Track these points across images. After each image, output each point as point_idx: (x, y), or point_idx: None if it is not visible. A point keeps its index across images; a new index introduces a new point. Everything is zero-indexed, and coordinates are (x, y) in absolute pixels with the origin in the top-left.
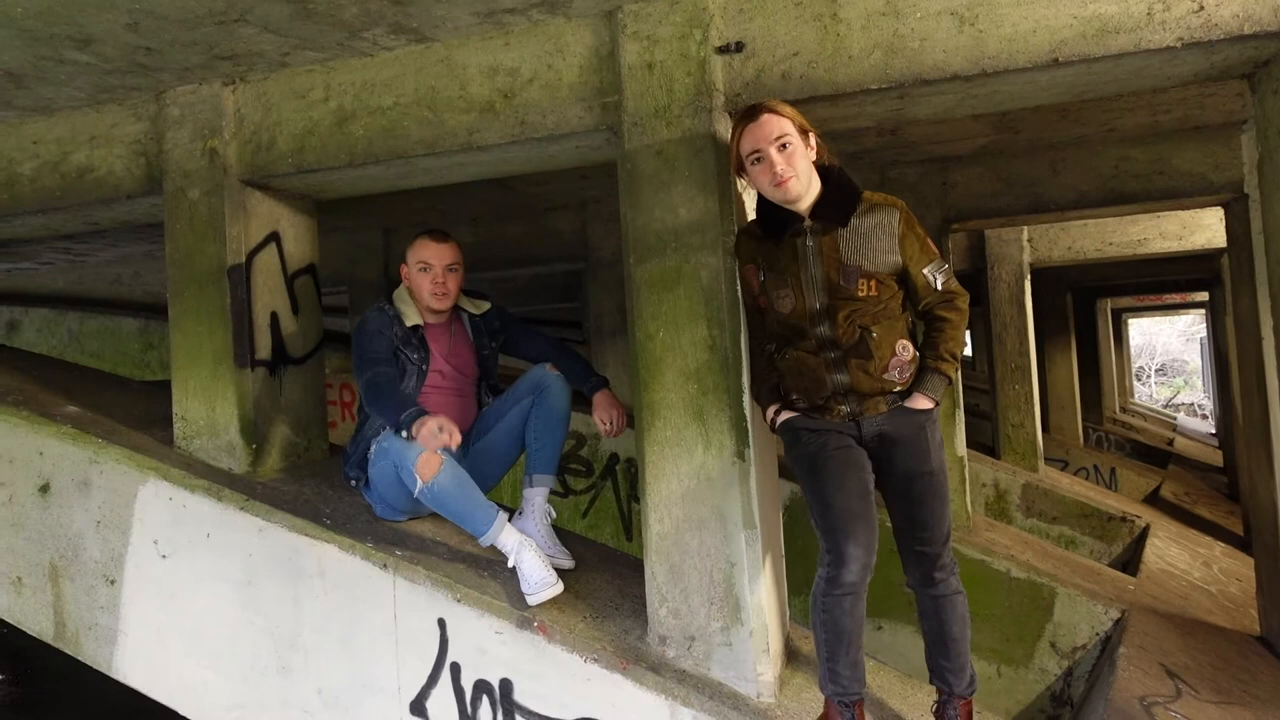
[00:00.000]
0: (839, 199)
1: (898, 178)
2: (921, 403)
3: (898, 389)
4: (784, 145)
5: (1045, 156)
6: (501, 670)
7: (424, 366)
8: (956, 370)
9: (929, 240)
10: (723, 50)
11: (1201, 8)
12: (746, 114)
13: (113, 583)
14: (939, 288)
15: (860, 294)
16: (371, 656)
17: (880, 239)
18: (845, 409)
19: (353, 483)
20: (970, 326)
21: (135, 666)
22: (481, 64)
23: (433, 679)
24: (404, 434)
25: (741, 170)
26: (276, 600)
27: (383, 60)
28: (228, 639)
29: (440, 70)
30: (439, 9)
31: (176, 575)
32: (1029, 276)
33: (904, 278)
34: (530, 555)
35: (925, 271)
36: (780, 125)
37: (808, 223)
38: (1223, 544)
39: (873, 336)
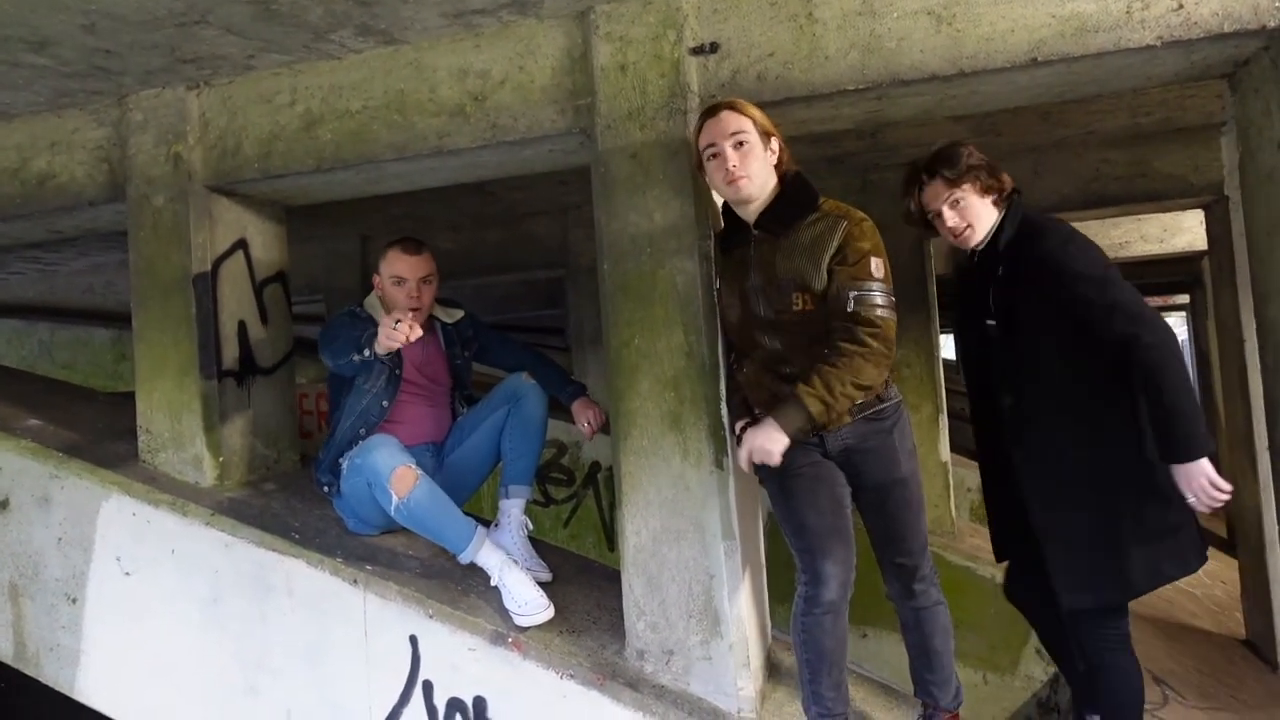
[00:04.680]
0: (786, 208)
1: (878, 182)
2: (757, 434)
3: (859, 400)
4: (740, 143)
5: (1026, 159)
6: (475, 688)
7: (396, 371)
8: (825, 408)
9: (874, 260)
10: (697, 51)
11: (1181, 6)
12: (709, 110)
13: (74, 601)
14: (848, 309)
15: (795, 308)
16: (342, 675)
17: (816, 251)
18: None
19: (325, 489)
20: (953, 333)
21: (98, 688)
22: (451, 66)
23: (405, 698)
24: (367, 352)
25: (701, 167)
26: (243, 618)
27: (350, 63)
28: (193, 659)
29: (409, 73)
30: (406, 10)
31: (140, 593)
32: None
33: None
34: (517, 575)
35: (843, 287)
36: (739, 122)
37: (753, 232)
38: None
39: (824, 352)
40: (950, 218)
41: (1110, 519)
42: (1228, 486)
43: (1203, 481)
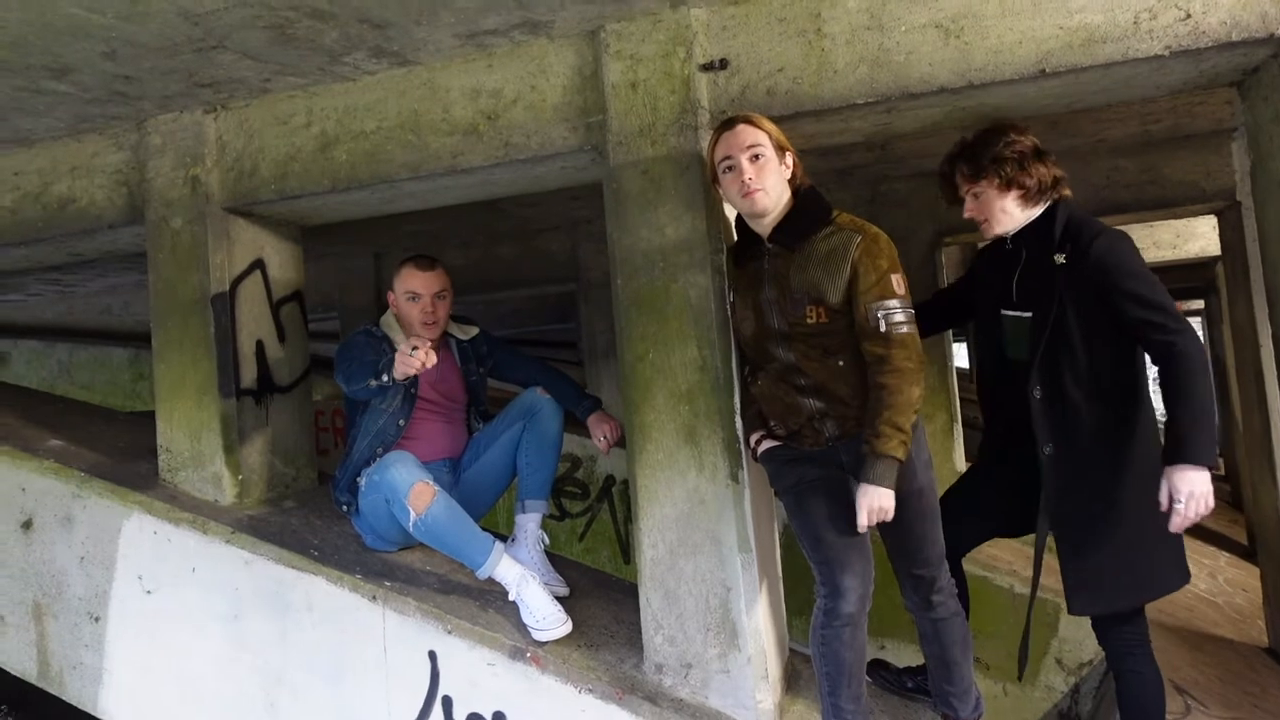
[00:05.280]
0: (800, 221)
1: (888, 193)
2: (867, 496)
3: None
4: (756, 156)
5: None
6: (495, 703)
7: (412, 390)
8: (904, 444)
9: (894, 278)
10: (707, 68)
11: (1188, 16)
12: (725, 123)
13: (97, 620)
14: (880, 329)
15: (809, 321)
16: (361, 691)
17: (832, 265)
18: (824, 434)
19: (343, 508)
20: (965, 341)
21: (121, 706)
22: (464, 86)
23: (424, 713)
24: (385, 378)
25: (716, 180)
26: (263, 635)
27: (365, 85)
28: (214, 676)
29: (423, 93)
30: (420, 32)
31: (162, 611)
32: None
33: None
34: (536, 590)
35: (869, 306)
36: (755, 136)
37: (767, 245)
38: (1227, 554)
39: (839, 364)
40: (969, 207)
41: (1129, 521)
42: (1211, 505)
43: (1206, 490)
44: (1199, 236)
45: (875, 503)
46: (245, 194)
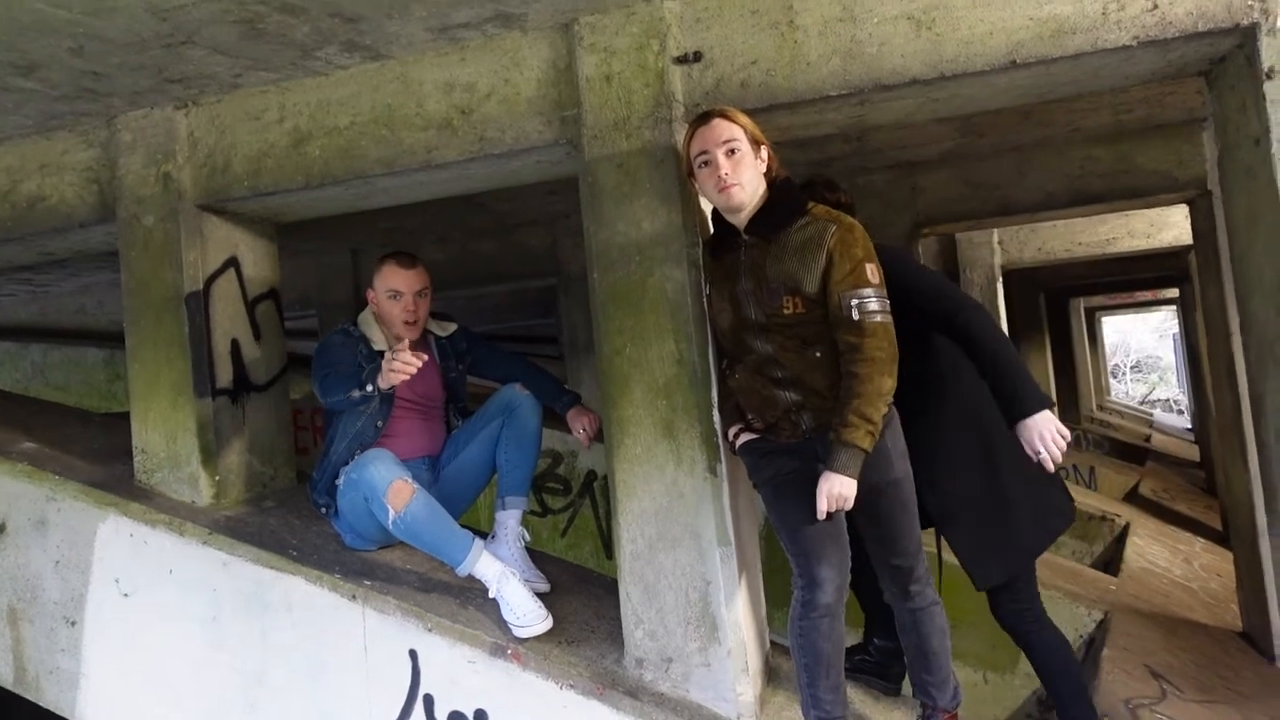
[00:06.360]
0: (775, 213)
1: (866, 185)
2: (828, 483)
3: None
4: (731, 151)
5: (1011, 159)
6: (476, 700)
7: (389, 391)
8: (871, 435)
9: (869, 267)
10: (681, 60)
11: (1155, 6)
12: (700, 118)
13: (73, 624)
14: (854, 317)
15: (786, 311)
16: (341, 691)
17: (808, 255)
18: (801, 426)
19: (322, 509)
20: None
21: (99, 710)
22: (438, 80)
23: (405, 712)
24: (370, 388)
25: (692, 174)
26: (242, 636)
27: (338, 79)
28: (193, 678)
29: (396, 88)
30: (392, 25)
31: (139, 614)
32: (1001, 279)
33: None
34: (515, 586)
35: (843, 294)
36: (730, 130)
37: (744, 237)
38: (1202, 540)
39: (816, 355)
40: None
41: (993, 494)
42: (1068, 433)
43: (1052, 427)
44: (1173, 226)
45: (836, 489)
46: (218, 191)
